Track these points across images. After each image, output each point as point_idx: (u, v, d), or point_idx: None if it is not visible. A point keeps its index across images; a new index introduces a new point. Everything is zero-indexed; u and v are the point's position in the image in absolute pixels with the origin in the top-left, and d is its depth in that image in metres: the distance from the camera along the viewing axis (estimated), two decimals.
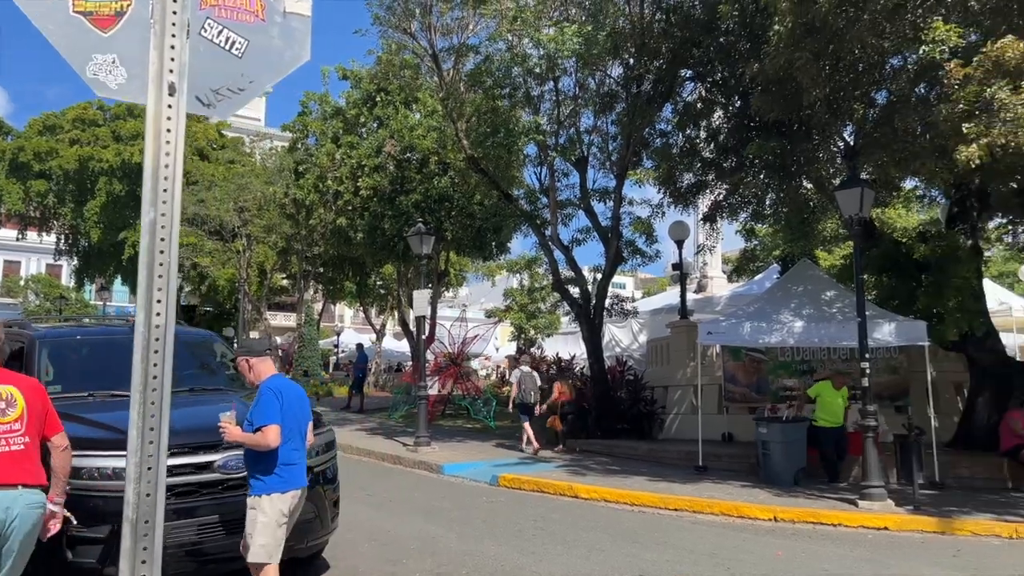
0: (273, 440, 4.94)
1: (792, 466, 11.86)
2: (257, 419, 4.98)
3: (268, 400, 5.02)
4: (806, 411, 12.99)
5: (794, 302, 13.49)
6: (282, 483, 5.03)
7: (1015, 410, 12.54)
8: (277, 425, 4.98)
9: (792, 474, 11.80)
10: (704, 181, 14.67)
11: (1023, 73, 8.21)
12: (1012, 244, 18.39)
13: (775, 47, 10.21)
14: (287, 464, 5.07)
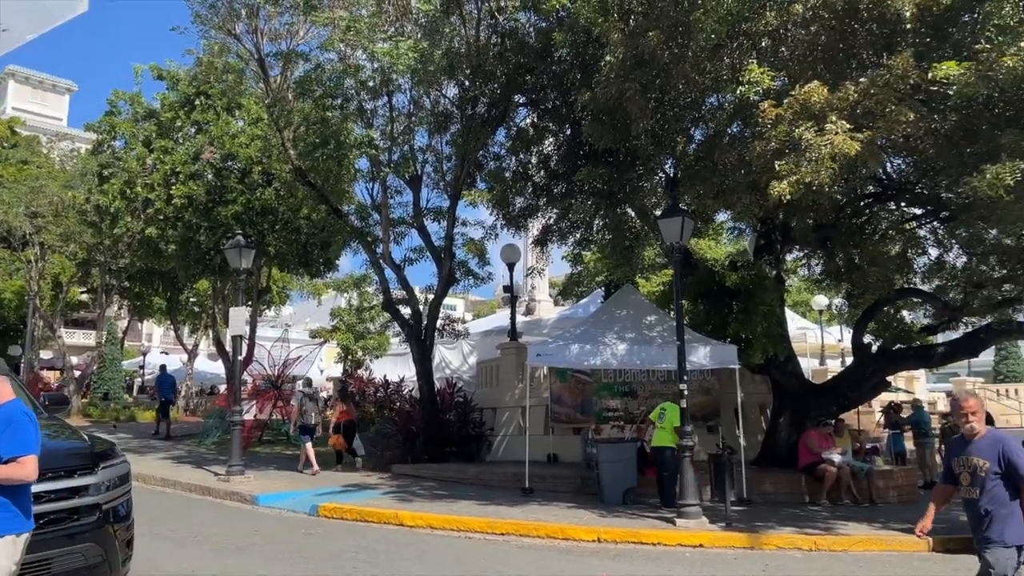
0: (32, 472, 4.39)
1: (621, 486, 12.09)
2: (10, 449, 4.34)
3: (24, 426, 4.46)
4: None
5: (618, 325, 13.90)
6: (20, 523, 4.42)
7: (812, 429, 13.58)
8: (35, 455, 4.42)
9: (621, 494, 12.03)
10: (536, 205, 14.87)
11: (827, 117, 8.89)
12: (808, 276, 20.05)
13: (606, 77, 10.49)
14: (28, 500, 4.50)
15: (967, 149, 10.21)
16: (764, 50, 10.12)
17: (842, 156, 8.76)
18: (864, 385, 15.31)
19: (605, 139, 11.49)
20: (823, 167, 8.82)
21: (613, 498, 12.02)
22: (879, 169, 12.84)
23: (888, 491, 13.42)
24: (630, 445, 12.51)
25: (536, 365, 14.43)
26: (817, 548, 9.55)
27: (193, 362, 36.29)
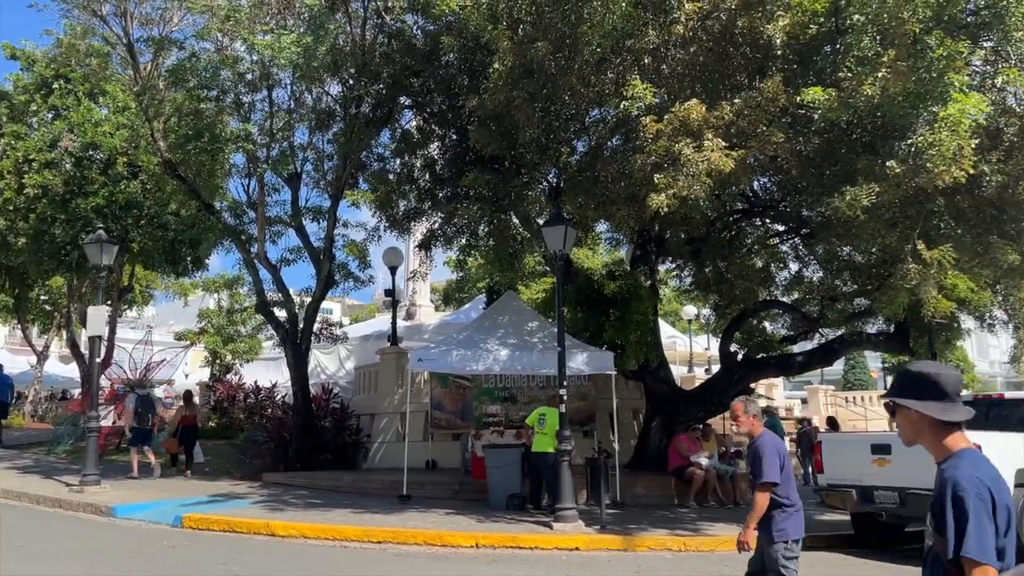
0: None
1: (505, 491, 12.12)
2: None
3: None
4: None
5: (500, 331, 13.99)
6: None
7: (681, 434, 14.13)
8: None
9: (505, 499, 12.05)
10: (420, 209, 14.75)
11: (704, 134, 9.28)
12: (679, 286, 20.92)
13: (495, 84, 10.54)
14: None
15: (827, 171, 10.95)
16: (646, 67, 10.46)
17: (717, 172, 9.17)
18: (730, 391, 16.05)
19: (492, 146, 11.55)
20: (699, 182, 9.19)
21: (498, 503, 12.05)
22: (748, 186, 13.56)
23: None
24: (515, 451, 12.57)
25: (417, 370, 14.30)
26: (686, 549, 9.91)
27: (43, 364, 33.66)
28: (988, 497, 2.35)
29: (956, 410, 2.54)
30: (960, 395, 2.58)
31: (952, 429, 2.54)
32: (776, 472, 5.28)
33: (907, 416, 2.61)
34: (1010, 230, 10.84)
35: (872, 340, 16.43)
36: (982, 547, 2.30)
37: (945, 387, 2.55)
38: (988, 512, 2.34)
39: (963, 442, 2.54)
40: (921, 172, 8.63)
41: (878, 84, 8.50)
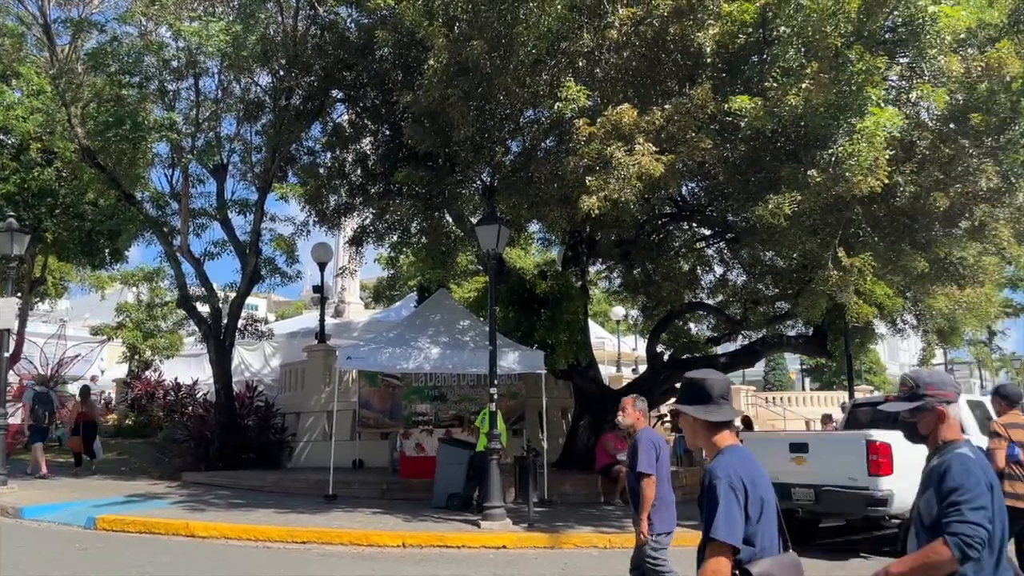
0: None
1: (447, 489, 12.07)
2: None
3: None
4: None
5: (431, 330, 13.91)
6: None
7: (609, 433, 14.31)
8: None
9: (445, 498, 12.00)
10: (351, 204, 14.54)
11: (635, 138, 9.43)
12: (608, 287, 21.21)
13: (430, 81, 10.48)
14: None
15: (752, 178, 11.27)
16: (580, 70, 10.56)
17: (647, 176, 9.32)
18: (656, 391, 16.39)
19: (426, 142, 11.48)
20: (630, 185, 9.33)
21: (439, 500, 12.03)
22: (677, 191, 13.85)
23: (675, 490, 14.41)
24: (465, 451, 12.50)
25: (346, 368, 14.09)
26: (612, 546, 10.04)
27: None
28: (741, 487, 2.52)
29: (721, 411, 2.72)
30: (727, 397, 2.75)
31: (720, 428, 2.72)
32: (652, 464, 5.54)
33: (684, 419, 2.82)
34: (921, 239, 11.36)
35: (791, 342, 17.00)
36: (730, 530, 2.47)
37: (711, 391, 2.73)
38: (739, 500, 2.51)
39: (729, 439, 2.71)
40: (840, 181, 8.97)
41: (802, 95, 8.79)
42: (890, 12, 9.30)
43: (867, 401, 13.15)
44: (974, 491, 2.55)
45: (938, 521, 2.59)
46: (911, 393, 2.86)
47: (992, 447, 6.57)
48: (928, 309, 13.52)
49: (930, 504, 2.67)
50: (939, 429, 2.78)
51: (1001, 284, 14.77)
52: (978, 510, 2.52)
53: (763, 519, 2.56)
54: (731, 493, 2.51)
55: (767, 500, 2.59)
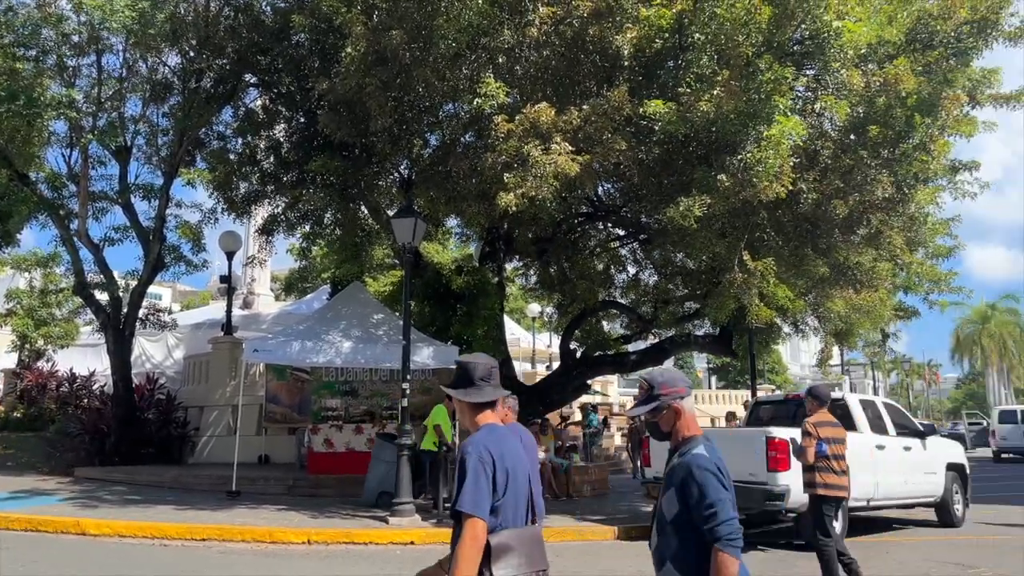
0: None
1: (380, 486, 11.93)
2: None
3: None
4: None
5: (343, 323, 13.67)
6: None
7: None
8: None
9: (376, 494, 11.84)
10: (262, 192, 14.10)
11: (552, 137, 9.49)
12: (525, 284, 21.37)
13: (347, 69, 10.27)
14: None
15: (666, 180, 11.53)
16: (501, 66, 10.56)
17: (564, 175, 9.41)
18: (568, 387, 16.60)
19: (342, 131, 11.24)
20: (546, 184, 9.40)
21: (370, 496, 11.92)
22: (593, 191, 14.03)
23: (583, 485, 14.64)
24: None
25: (253, 361, 13.70)
26: None
27: None
28: (489, 460, 2.65)
29: (481, 392, 2.83)
30: (487, 379, 2.87)
31: (481, 408, 2.85)
32: None
33: (456, 402, 2.95)
34: (822, 244, 11.86)
35: (699, 342, 17.47)
36: (475, 502, 2.59)
37: (472, 373, 2.86)
38: (488, 474, 2.63)
39: (490, 418, 2.84)
40: (748, 186, 9.26)
41: (713, 101, 9.04)
42: (798, 25, 9.66)
43: (768, 400, 13.68)
44: (717, 492, 2.69)
45: (683, 520, 2.75)
46: (647, 395, 2.96)
47: (803, 444, 7.28)
48: (827, 312, 14.11)
49: (672, 503, 2.80)
50: (678, 426, 2.91)
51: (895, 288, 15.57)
52: (725, 505, 2.68)
53: (508, 492, 2.68)
54: (480, 467, 2.63)
55: (513, 474, 2.70)
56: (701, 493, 2.70)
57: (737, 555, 2.66)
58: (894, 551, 10.03)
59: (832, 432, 7.39)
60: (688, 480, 2.75)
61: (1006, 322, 61.59)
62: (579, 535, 10.60)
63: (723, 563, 2.63)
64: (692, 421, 2.94)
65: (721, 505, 2.68)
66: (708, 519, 2.67)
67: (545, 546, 2.83)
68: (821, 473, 7.22)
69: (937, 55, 10.14)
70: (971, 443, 38.98)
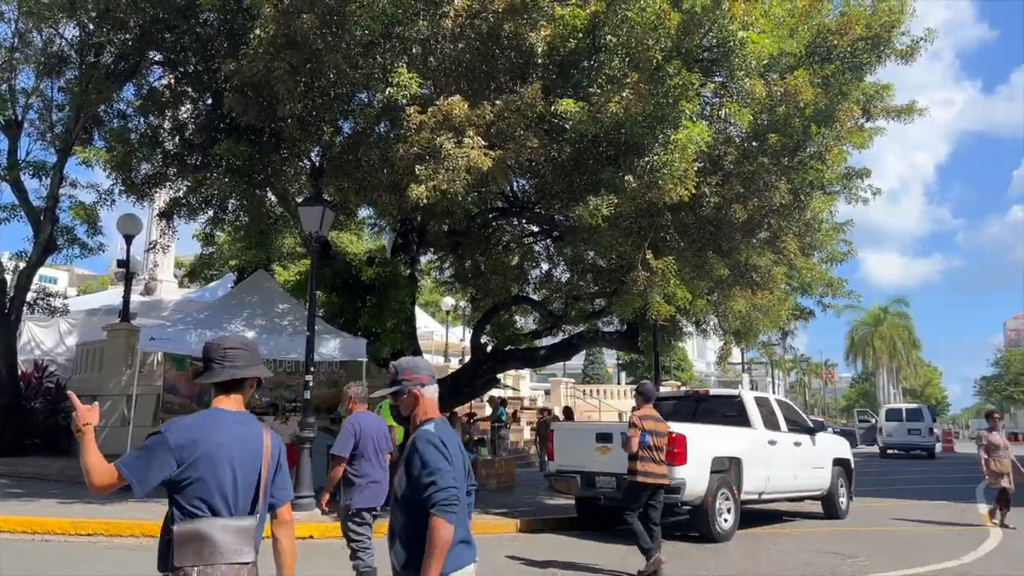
0: None
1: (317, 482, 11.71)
2: None
3: None
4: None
5: (247, 312, 13.31)
6: None
7: None
8: None
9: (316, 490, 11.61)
10: (164, 174, 13.56)
11: (465, 131, 9.48)
12: (439, 277, 21.26)
13: (255, 51, 9.98)
14: None
15: (577, 179, 11.69)
16: (415, 56, 10.47)
17: (476, 169, 9.41)
18: (478, 381, 16.65)
19: (249, 115, 10.93)
20: (458, 177, 9.38)
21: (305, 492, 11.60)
22: (507, 187, 14.09)
23: (489, 479, 14.73)
24: None
25: (149, 350, 13.18)
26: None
27: None
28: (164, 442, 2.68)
29: (213, 373, 2.87)
30: (225, 360, 2.87)
31: (220, 391, 2.89)
32: (346, 448, 5.99)
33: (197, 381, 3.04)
34: (724, 246, 12.27)
35: (606, 338, 17.80)
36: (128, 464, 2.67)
37: (211, 353, 2.90)
38: (157, 452, 2.67)
39: (223, 402, 2.87)
40: (654, 188, 9.49)
41: (622, 103, 9.20)
42: (706, 33, 9.93)
43: (670, 395, 14.06)
44: (437, 462, 2.84)
45: (412, 497, 2.87)
46: (392, 380, 3.14)
47: (629, 435, 8.15)
48: (728, 311, 14.62)
49: (402, 481, 2.96)
50: (417, 410, 3.09)
51: (793, 291, 16.26)
52: (445, 475, 2.81)
53: (205, 479, 2.67)
54: (154, 445, 2.67)
55: (212, 460, 2.69)
56: (422, 462, 2.84)
57: (451, 520, 2.78)
58: (782, 542, 10.49)
59: (655, 426, 8.25)
60: (412, 453, 2.90)
61: (896, 325, 65.26)
62: (482, 528, 10.65)
63: (436, 527, 2.74)
64: (431, 407, 3.11)
65: (440, 474, 2.80)
66: (427, 487, 2.79)
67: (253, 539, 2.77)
68: (643, 462, 8.04)
69: (834, 68, 10.62)
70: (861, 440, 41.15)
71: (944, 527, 11.99)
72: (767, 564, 8.91)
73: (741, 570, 8.50)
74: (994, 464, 11.96)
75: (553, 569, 8.47)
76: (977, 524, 12.29)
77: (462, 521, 2.90)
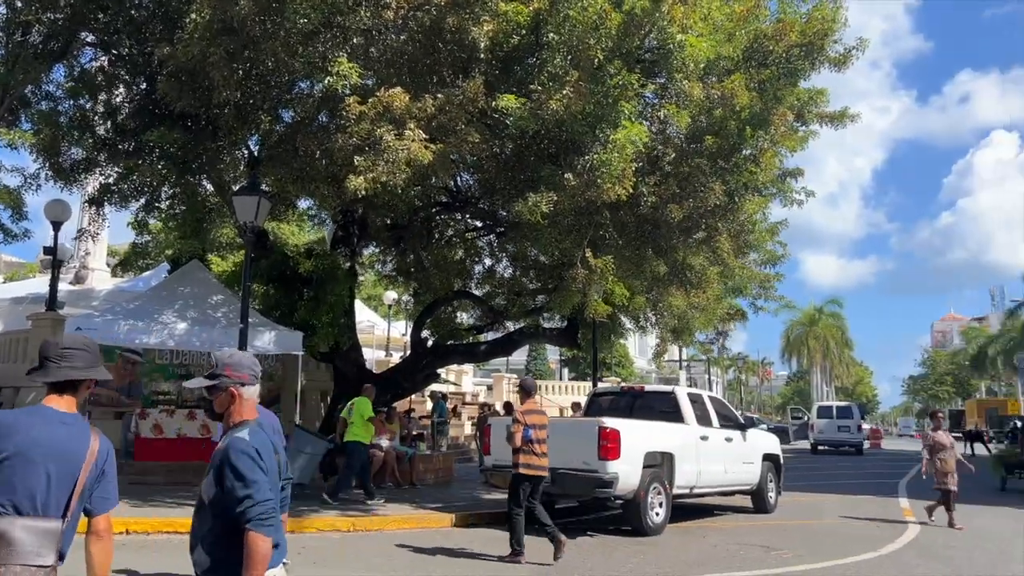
0: None
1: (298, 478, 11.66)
2: None
3: None
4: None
5: (179, 303, 13.00)
6: None
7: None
8: None
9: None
10: (95, 159, 13.11)
11: (406, 123, 9.42)
12: (381, 271, 21.09)
13: (190, 35, 9.74)
14: None
15: (519, 176, 11.72)
16: (356, 47, 10.35)
17: (416, 162, 9.37)
18: (418, 376, 16.59)
19: (183, 101, 10.64)
20: (399, 170, 9.32)
21: None
22: (449, 181, 14.05)
23: (427, 474, 14.70)
24: (323, 443, 12.33)
25: None
26: (356, 529, 10.03)
27: None
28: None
29: (47, 372, 2.81)
30: (62, 359, 2.81)
31: (52, 389, 2.82)
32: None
33: None
34: (662, 245, 12.46)
35: (547, 334, 17.93)
36: None
37: (45, 352, 2.84)
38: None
39: (53, 401, 2.80)
40: (593, 186, 9.59)
41: (563, 101, 9.26)
42: (646, 34, 10.07)
43: (607, 391, 14.24)
44: (251, 473, 2.72)
45: (221, 505, 2.75)
46: (211, 373, 2.98)
47: (513, 430, 8.52)
48: (666, 308, 14.86)
49: (210, 486, 2.82)
50: (232, 409, 2.94)
51: (728, 291, 16.60)
52: (260, 488, 2.71)
53: (13, 476, 2.58)
54: None
55: (26, 457, 2.60)
56: (235, 474, 2.71)
57: (269, 534, 2.69)
58: (711, 535, 10.73)
59: (537, 419, 8.60)
60: (224, 462, 2.76)
61: (830, 325, 67.27)
62: (417, 523, 10.65)
63: (254, 542, 2.65)
64: (249, 408, 2.96)
65: (255, 487, 2.69)
66: (242, 500, 2.68)
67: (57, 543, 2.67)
68: (524, 455, 8.41)
69: (770, 74, 10.87)
70: (793, 436, 42.34)
71: (866, 521, 12.43)
72: (694, 557, 9.11)
73: (669, 563, 8.67)
74: (939, 464, 11.84)
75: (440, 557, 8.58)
76: (897, 519, 12.77)
77: (276, 525, 2.83)
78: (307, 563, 8.21)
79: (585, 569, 8.20)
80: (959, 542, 10.42)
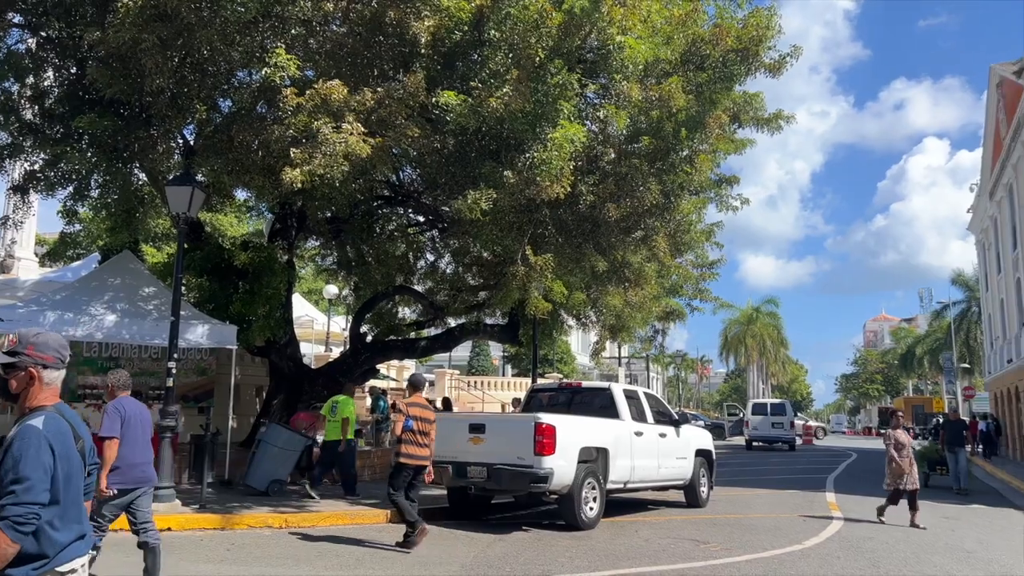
0: None
1: (272, 474, 11.90)
2: None
3: None
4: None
5: (109, 295, 12.62)
6: None
7: (301, 412, 14.10)
8: None
9: (267, 483, 11.81)
10: (20, 145, 12.63)
11: (344, 116, 9.33)
12: (321, 265, 20.82)
13: (121, 20, 9.46)
14: None
15: (459, 172, 11.71)
16: (296, 38, 10.21)
17: (355, 156, 9.30)
18: (356, 371, 16.45)
19: (114, 88, 10.34)
20: (336, 163, 9.24)
21: (259, 483, 11.82)
22: (392, 175, 13.95)
23: (363, 469, 14.60)
24: (301, 439, 12.34)
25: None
26: (288, 525, 9.92)
27: None
28: None
29: None
30: None
31: None
32: (112, 429, 6.22)
33: None
34: (602, 243, 12.61)
35: (488, 330, 17.97)
36: None
37: None
38: None
39: None
40: (532, 184, 9.66)
41: (503, 99, 9.31)
42: (587, 35, 10.17)
43: (545, 387, 14.36)
44: (28, 470, 2.53)
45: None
46: (12, 350, 2.78)
47: (395, 419, 9.08)
48: (604, 306, 15.05)
49: None
50: (30, 392, 2.76)
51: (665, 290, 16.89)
52: (32, 488, 2.52)
53: None
54: None
55: None
56: (12, 464, 2.54)
57: (16, 540, 2.49)
58: (643, 530, 10.92)
59: (421, 412, 8.98)
60: (9, 448, 2.59)
61: (767, 324, 68.95)
62: (351, 519, 10.58)
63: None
64: (50, 394, 2.78)
65: (26, 484, 2.50)
66: (8, 494, 2.49)
67: None
68: (406, 444, 8.85)
69: (706, 77, 11.09)
70: (729, 432, 43.31)
71: (794, 515, 12.81)
72: (626, 550, 9.26)
73: (601, 557, 8.80)
74: (896, 464, 11.73)
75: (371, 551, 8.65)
76: (823, 514, 13.18)
77: (77, 516, 2.68)
78: (236, 560, 8.10)
79: (519, 563, 8.26)
80: (881, 535, 10.83)
